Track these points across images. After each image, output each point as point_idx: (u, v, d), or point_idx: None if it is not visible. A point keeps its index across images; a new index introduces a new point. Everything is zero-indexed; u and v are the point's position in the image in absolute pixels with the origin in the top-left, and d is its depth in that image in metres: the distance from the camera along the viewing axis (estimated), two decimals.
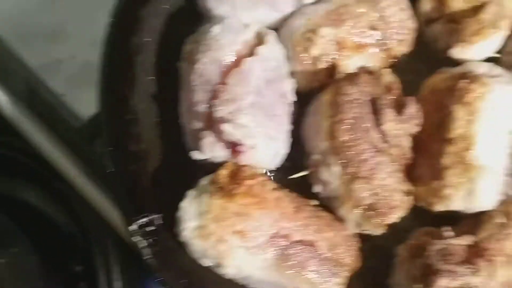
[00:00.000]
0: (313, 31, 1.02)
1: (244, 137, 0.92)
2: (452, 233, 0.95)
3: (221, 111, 0.94)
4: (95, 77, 1.34)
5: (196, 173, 1.07)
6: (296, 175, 1.01)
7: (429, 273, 0.92)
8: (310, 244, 0.93)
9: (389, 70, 1.03)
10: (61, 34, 1.42)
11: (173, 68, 1.06)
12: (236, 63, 0.97)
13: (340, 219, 0.99)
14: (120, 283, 1.18)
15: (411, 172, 1.01)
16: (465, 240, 0.93)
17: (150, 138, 1.05)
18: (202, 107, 0.97)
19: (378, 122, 0.97)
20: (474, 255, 0.91)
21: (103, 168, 1.15)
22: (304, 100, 1.06)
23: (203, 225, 0.90)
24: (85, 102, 1.33)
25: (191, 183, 1.05)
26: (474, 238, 0.93)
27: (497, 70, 1.04)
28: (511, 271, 0.89)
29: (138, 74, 1.04)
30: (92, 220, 1.22)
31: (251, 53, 0.98)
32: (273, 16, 1.08)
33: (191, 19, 1.13)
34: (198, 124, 0.98)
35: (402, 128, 0.98)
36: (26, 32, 1.41)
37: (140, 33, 1.05)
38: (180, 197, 1.00)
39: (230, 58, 0.97)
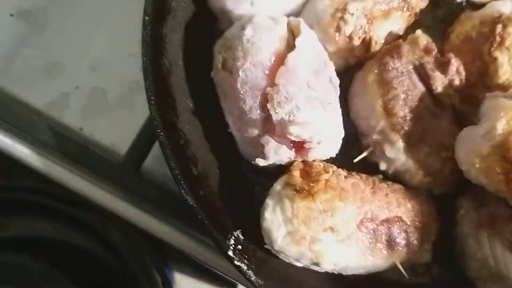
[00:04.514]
0: (342, 10, 1.00)
1: (312, 135, 0.91)
2: None
3: (278, 113, 0.92)
4: (106, 101, 1.32)
5: (252, 176, 1.08)
6: (359, 157, 1.01)
7: (496, 220, 0.95)
8: (396, 220, 0.95)
9: (420, 31, 1.03)
10: (56, 67, 1.34)
11: (204, 79, 1.03)
12: (279, 61, 0.94)
13: (411, 187, 1.01)
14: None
15: (463, 123, 1.03)
16: None
17: (204, 155, 1.02)
18: (255, 114, 0.94)
19: (429, 88, 0.97)
20: None
21: (154, 194, 1.14)
22: (342, 78, 1.05)
23: (294, 230, 0.90)
24: (104, 130, 1.29)
25: (250, 187, 1.05)
26: None
27: None
28: None
29: (177, 95, 1.00)
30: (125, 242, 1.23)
31: (289, 47, 0.95)
32: (294, 2, 1.05)
33: (207, 24, 1.09)
34: (254, 131, 0.96)
35: (451, 86, 0.99)
36: (20, 75, 1.32)
37: (166, 53, 1.00)
38: (246, 204, 1.00)
39: (271, 58, 0.94)
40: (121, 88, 1.31)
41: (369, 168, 1.04)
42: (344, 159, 1.05)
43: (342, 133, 1.01)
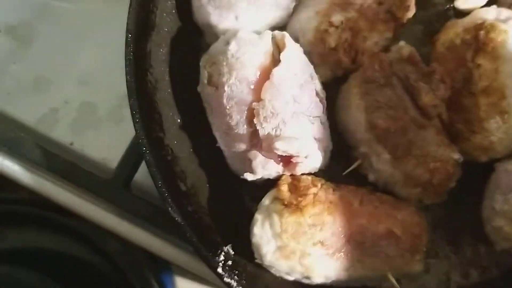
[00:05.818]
0: (326, 22, 1.00)
1: (298, 150, 0.91)
2: None
3: (265, 128, 0.92)
4: (96, 116, 1.32)
5: (243, 190, 1.08)
6: (348, 169, 1.01)
7: None
8: (385, 232, 0.95)
9: (404, 42, 1.03)
10: (44, 82, 1.34)
11: (193, 93, 1.02)
12: (264, 76, 0.94)
13: (401, 198, 1.01)
14: None
15: (448, 130, 1.02)
16: None
17: (193, 171, 1.02)
18: (242, 129, 0.94)
19: (414, 98, 0.97)
20: None
21: (145, 208, 1.14)
22: (329, 88, 1.05)
23: (283, 245, 0.90)
24: (94, 145, 1.28)
25: (241, 201, 1.05)
26: None
27: (505, 12, 1.05)
28: None
29: (163, 111, 1.00)
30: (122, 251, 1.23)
31: (275, 62, 0.95)
32: (278, 15, 1.05)
33: (192, 39, 1.09)
34: (242, 146, 0.96)
35: (437, 96, 0.98)
36: (7, 91, 1.32)
37: (152, 70, 1.00)
38: (237, 218, 1.00)
39: (256, 73, 0.94)
40: (110, 102, 1.31)
41: (359, 179, 1.04)
42: (334, 171, 1.05)
43: (330, 146, 1.01)
